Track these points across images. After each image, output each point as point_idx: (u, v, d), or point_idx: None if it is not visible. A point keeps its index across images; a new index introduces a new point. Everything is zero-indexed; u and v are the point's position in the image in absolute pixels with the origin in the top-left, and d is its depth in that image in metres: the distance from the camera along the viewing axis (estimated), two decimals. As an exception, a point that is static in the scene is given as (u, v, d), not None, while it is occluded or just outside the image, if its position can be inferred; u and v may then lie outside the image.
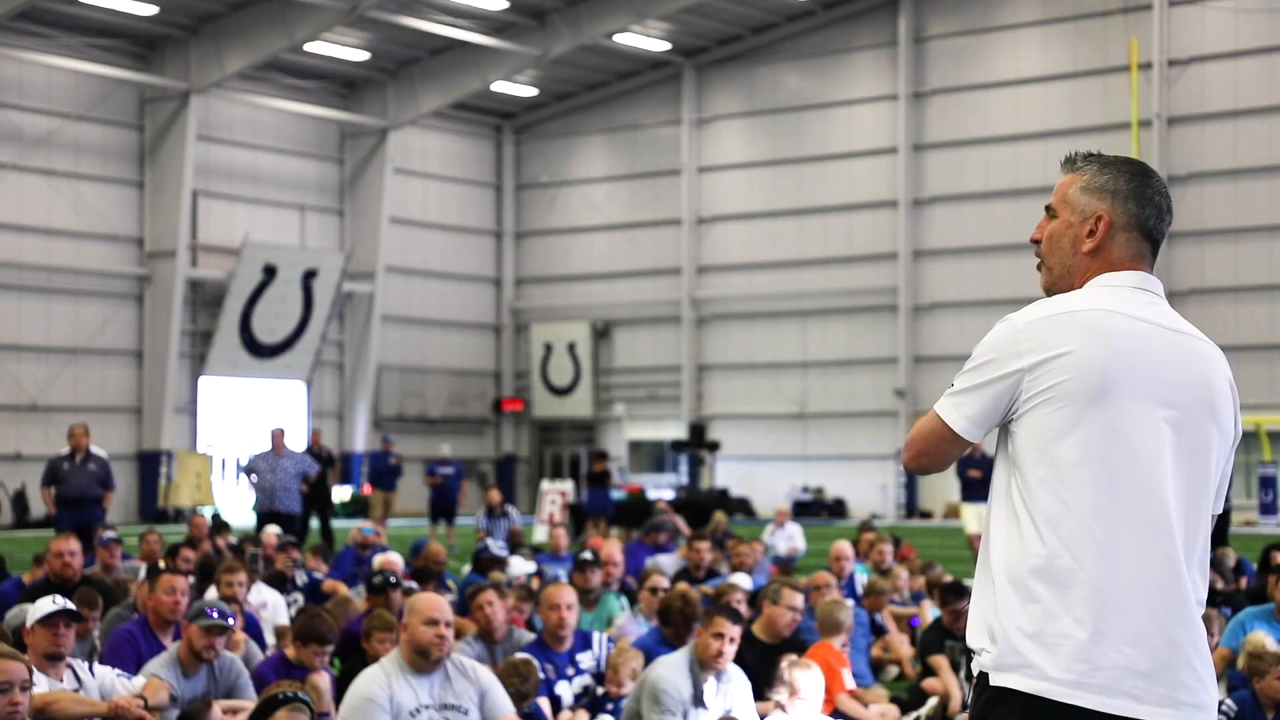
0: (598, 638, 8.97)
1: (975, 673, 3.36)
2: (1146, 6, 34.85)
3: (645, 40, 39.16)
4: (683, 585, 11.20)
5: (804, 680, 7.80)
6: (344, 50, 37.17)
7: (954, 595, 10.29)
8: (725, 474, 39.94)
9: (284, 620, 11.11)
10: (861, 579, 13.15)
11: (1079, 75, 35.81)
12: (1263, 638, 8.71)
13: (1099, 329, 3.34)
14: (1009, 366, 3.33)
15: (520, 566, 13.55)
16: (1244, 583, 13.84)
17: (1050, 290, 3.53)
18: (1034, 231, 3.60)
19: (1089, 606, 3.24)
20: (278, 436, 19.63)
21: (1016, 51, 36.80)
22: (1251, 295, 33.83)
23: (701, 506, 30.67)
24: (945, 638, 10.30)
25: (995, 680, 3.28)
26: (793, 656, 8.16)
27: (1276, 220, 33.56)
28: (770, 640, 9.14)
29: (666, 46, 39.83)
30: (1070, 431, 3.29)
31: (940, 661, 9.98)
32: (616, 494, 31.90)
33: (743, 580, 12.19)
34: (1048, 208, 3.57)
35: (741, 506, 37.20)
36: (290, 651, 8.43)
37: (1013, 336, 3.35)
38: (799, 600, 9.27)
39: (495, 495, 22.95)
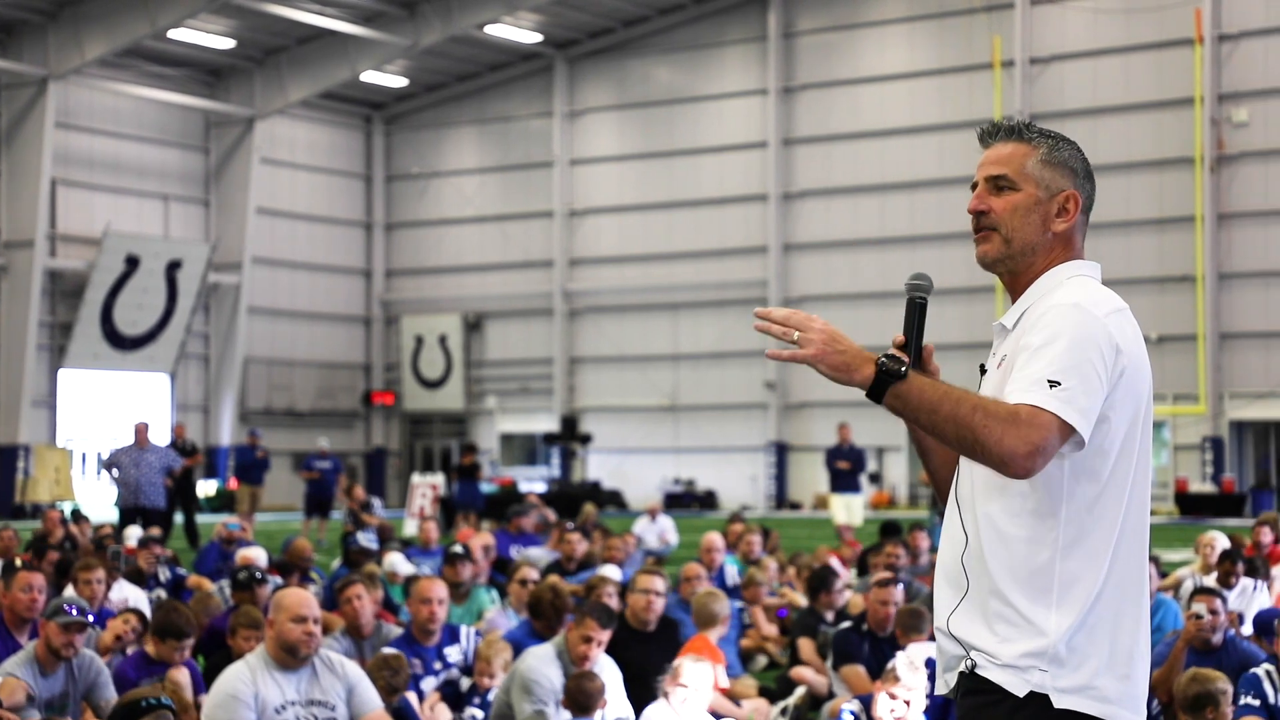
0: (465, 631, 8.93)
1: (1021, 693, 3.12)
2: (1009, 5, 35.55)
3: (516, 31, 39.02)
4: (554, 577, 11.22)
5: (690, 671, 7.77)
6: (209, 37, 36.50)
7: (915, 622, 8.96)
8: (597, 466, 40.00)
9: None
10: (731, 570, 13.25)
11: (944, 72, 36.42)
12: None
13: (1137, 334, 3.24)
14: (1106, 362, 3.12)
15: (402, 567, 13.38)
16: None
17: (995, 264, 3.34)
18: (976, 202, 3.33)
19: (1138, 630, 3.21)
20: (141, 430, 19.47)
21: (883, 48, 37.31)
22: (1118, 290, 34.58)
23: (573, 499, 30.75)
24: (820, 623, 10.39)
25: (1063, 703, 3.10)
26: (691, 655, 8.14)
27: (1132, 216, 34.41)
28: (639, 627, 9.17)
29: (538, 38, 39.73)
30: (1122, 447, 3.17)
31: (856, 671, 9.22)
32: (487, 487, 31.80)
33: (613, 573, 12.20)
34: (995, 178, 3.32)
35: (613, 499, 37.31)
36: (150, 648, 8.28)
37: (1104, 331, 3.16)
38: (655, 583, 9.25)
39: (355, 497, 23.13)
